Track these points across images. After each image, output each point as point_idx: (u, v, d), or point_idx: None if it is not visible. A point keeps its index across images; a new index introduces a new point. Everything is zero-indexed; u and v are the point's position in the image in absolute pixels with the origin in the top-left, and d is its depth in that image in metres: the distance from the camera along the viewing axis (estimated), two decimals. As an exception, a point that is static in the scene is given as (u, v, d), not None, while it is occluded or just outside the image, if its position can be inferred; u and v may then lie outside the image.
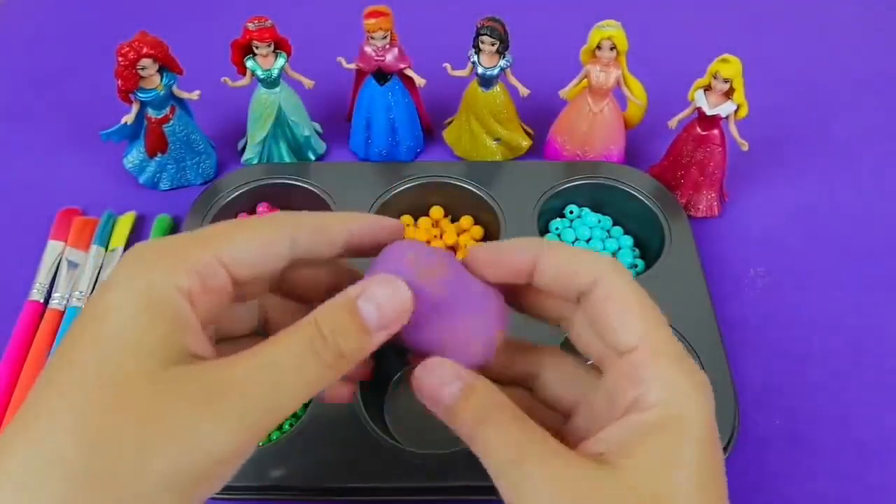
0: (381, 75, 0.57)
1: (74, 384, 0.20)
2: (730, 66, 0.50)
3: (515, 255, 0.26)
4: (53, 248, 0.53)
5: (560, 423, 0.27)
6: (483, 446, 0.24)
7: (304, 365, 0.23)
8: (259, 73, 0.55)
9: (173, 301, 0.22)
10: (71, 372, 0.21)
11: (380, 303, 0.24)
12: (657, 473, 0.22)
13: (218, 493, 0.23)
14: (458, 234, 0.55)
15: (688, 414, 0.22)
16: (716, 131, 0.54)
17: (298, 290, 0.29)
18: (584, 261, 0.25)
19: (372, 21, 0.53)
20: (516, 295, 0.28)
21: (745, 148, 0.54)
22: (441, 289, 0.25)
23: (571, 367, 0.28)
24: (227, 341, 0.28)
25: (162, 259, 0.23)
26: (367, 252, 0.28)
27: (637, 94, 0.56)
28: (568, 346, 0.29)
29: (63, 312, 0.50)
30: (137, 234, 0.56)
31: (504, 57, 0.54)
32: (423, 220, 0.56)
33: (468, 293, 0.27)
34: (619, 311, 0.24)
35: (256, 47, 0.54)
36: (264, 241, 0.25)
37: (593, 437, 0.24)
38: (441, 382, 0.25)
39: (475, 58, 0.55)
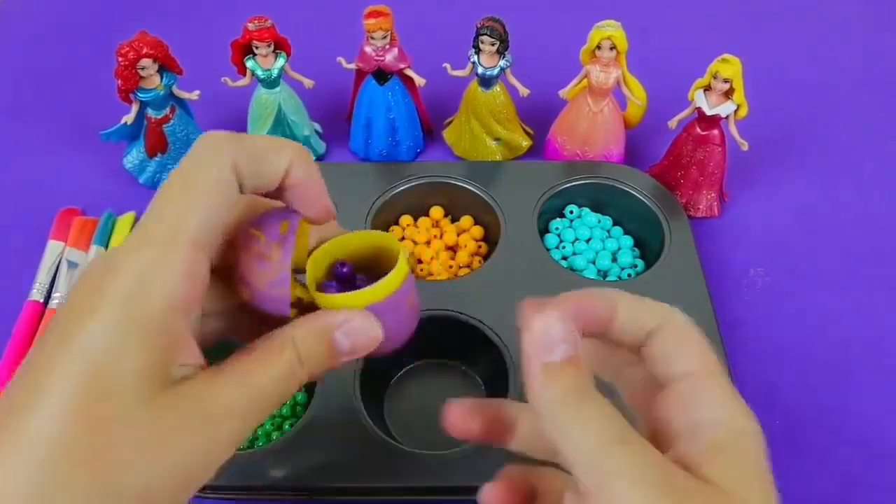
0: (381, 75, 0.57)
1: (59, 408, 0.20)
2: (730, 66, 0.50)
3: (596, 304, 0.26)
4: (53, 248, 0.53)
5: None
6: (570, 424, 0.23)
7: (284, 389, 0.24)
8: (259, 73, 0.55)
9: (164, 321, 0.22)
10: (57, 397, 0.20)
11: (355, 338, 0.25)
12: (739, 485, 0.23)
13: (218, 493, 0.23)
14: (458, 234, 0.55)
15: (748, 432, 0.24)
16: (716, 131, 0.54)
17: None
18: (651, 306, 0.26)
19: (372, 21, 0.53)
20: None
21: (745, 148, 0.54)
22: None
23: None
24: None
25: (150, 274, 0.22)
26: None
27: (637, 94, 0.56)
28: None
29: (63, 312, 0.50)
30: (137, 234, 0.56)
31: (504, 57, 0.54)
32: (423, 220, 0.56)
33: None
34: (682, 342, 0.25)
35: (256, 47, 0.54)
36: (217, 196, 0.24)
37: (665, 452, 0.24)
38: (561, 339, 0.24)
39: (475, 58, 0.55)
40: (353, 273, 0.28)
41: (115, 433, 0.20)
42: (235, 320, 0.27)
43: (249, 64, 0.55)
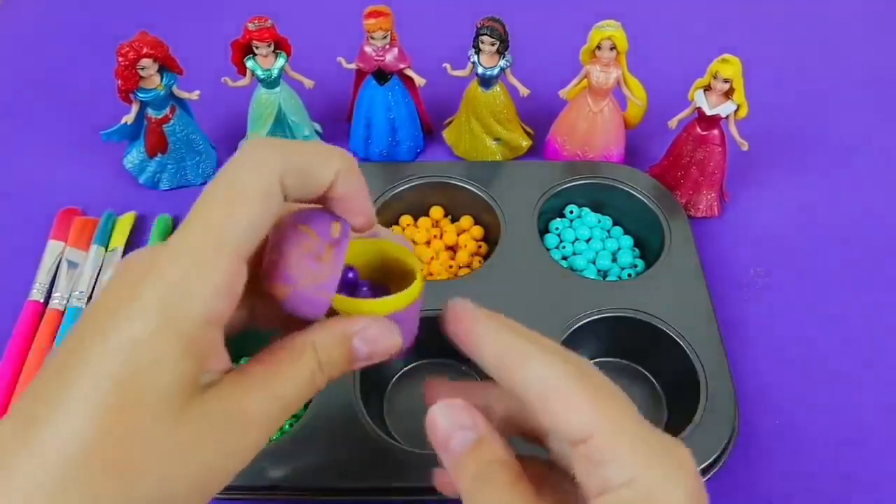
0: (381, 75, 0.57)
1: (88, 417, 0.20)
2: (730, 66, 0.50)
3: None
4: (53, 248, 0.53)
5: (573, 490, 0.26)
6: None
7: (305, 394, 0.25)
8: (259, 73, 0.55)
9: (202, 331, 0.22)
10: (85, 400, 0.20)
11: (374, 344, 0.26)
12: None
13: (218, 493, 0.23)
14: (458, 234, 0.55)
15: (662, 490, 0.22)
16: (715, 131, 0.54)
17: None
18: (514, 355, 0.25)
19: (372, 21, 0.53)
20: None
21: (745, 148, 0.54)
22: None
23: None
24: None
25: (192, 283, 0.22)
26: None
27: (637, 94, 0.56)
28: None
29: (63, 312, 0.50)
30: (137, 234, 0.56)
31: (504, 57, 0.54)
32: (423, 220, 0.56)
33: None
34: (562, 405, 0.24)
35: (256, 47, 0.54)
36: (264, 208, 0.23)
37: None
38: (457, 426, 0.26)
39: (475, 58, 0.55)
40: (358, 280, 0.28)
41: (142, 442, 0.20)
42: (258, 311, 0.28)
43: (249, 64, 0.55)
